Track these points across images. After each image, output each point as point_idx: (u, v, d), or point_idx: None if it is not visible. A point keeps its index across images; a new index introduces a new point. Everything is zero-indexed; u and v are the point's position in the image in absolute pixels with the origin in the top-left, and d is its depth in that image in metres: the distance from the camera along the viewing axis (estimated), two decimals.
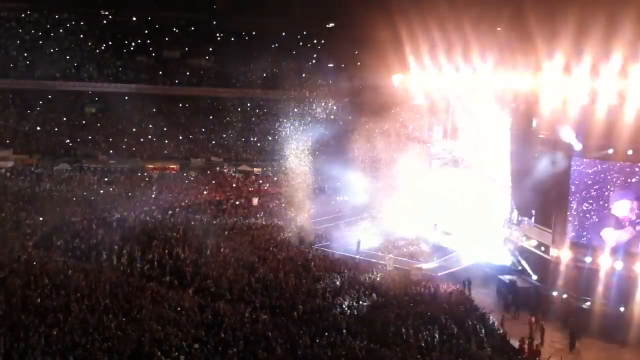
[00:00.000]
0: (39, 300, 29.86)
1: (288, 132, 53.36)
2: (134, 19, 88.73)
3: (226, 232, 44.22)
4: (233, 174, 68.01)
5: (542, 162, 36.11)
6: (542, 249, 36.59)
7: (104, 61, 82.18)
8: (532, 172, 36.51)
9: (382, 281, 35.33)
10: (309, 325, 28.65)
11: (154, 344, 25.81)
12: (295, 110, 56.15)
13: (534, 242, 37.57)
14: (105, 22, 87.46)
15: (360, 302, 32.05)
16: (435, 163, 51.18)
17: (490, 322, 30.93)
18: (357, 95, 61.75)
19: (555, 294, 34.08)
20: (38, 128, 71.52)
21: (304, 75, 74.71)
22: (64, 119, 73.61)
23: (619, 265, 32.70)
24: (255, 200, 55.47)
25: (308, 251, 41.47)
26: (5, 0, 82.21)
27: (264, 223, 48.11)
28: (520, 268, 37.94)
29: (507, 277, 36.71)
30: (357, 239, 43.48)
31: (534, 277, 36.55)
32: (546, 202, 36.58)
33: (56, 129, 71.49)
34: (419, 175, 49.01)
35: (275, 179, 61.45)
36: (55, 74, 78.44)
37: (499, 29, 54.41)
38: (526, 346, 28.68)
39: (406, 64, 51.27)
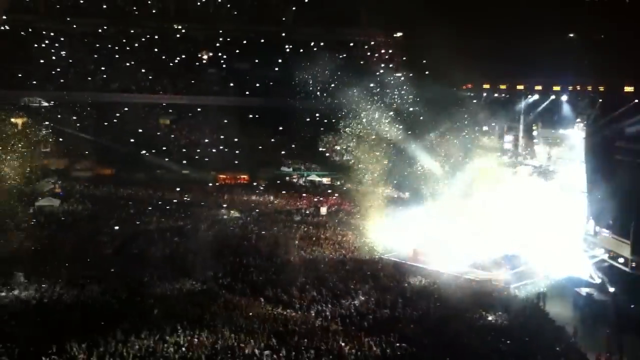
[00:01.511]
0: (117, 306, 30.99)
1: (357, 143, 53.41)
2: (205, 32, 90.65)
3: (296, 242, 44.55)
4: (302, 184, 68.56)
5: (620, 170, 35.00)
6: (621, 260, 35.40)
7: (177, 74, 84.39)
8: (610, 182, 35.45)
9: (453, 292, 34.84)
10: (379, 335, 28.56)
11: (227, 350, 26.35)
12: (364, 119, 56.06)
13: (611, 254, 36.39)
14: (177, 36, 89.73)
15: (431, 313, 31.76)
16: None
17: (566, 335, 30.09)
18: (427, 104, 61.20)
19: (634, 307, 32.86)
20: (115, 139, 73.91)
21: (372, 85, 74.61)
22: (139, 130, 75.84)
23: None
24: (324, 210, 55.71)
25: (377, 261, 41.35)
26: (83, 16, 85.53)
27: (333, 232, 48.20)
28: (597, 280, 36.77)
29: (583, 290, 35.63)
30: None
31: (612, 289, 35.35)
32: (625, 212, 35.40)
33: (132, 140, 73.72)
34: (496, 183, 48.28)
35: (345, 188, 61.57)
36: (131, 87, 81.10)
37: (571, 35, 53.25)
38: None
39: (476, 73, 50.77)
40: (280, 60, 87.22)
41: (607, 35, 47.47)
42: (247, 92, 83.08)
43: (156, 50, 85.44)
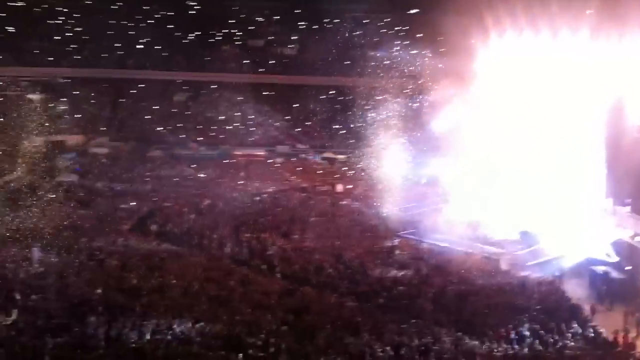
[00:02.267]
0: (134, 282, 31.26)
1: (373, 120, 53.22)
2: (220, 9, 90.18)
3: (312, 219, 44.68)
4: (318, 161, 68.60)
5: (636, 148, 34.64)
6: (638, 239, 35.17)
7: (192, 51, 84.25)
8: (629, 158, 35.09)
9: (469, 270, 34.84)
10: (395, 312, 28.67)
11: (244, 326, 26.58)
12: (380, 97, 55.84)
13: (629, 232, 36.14)
14: (192, 12, 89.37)
15: (447, 291, 31.79)
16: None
17: (583, 313, 30.06)
18: (442, 81, 60.75)
19: None
20: (131, 116, 74.14)
21: (387, 62, 74.07)
22: (155, 107, 76.00)
23: None
24: (339, 187, 55.74)
25: (394, 238, 41.40)
26: None
27: (349, 210, 48.26)
28: (614, 259, 36.56)
29: (600, 268, 35.47)
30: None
31: (629, 268, 35.16)
32: None
33: (148, 117, 73.90)
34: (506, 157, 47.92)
35: (360, 166, 61.46)
36: (146, 64, 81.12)
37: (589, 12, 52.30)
38: (621, 339, 27.72)
39: (491, 49, 50.05)
40: (294, 37, 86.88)
41: None
42: (261, 70, 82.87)
43: (170, 27, 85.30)
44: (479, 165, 48.74)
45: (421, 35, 76.56)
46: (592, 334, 27.75)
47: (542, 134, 47.98)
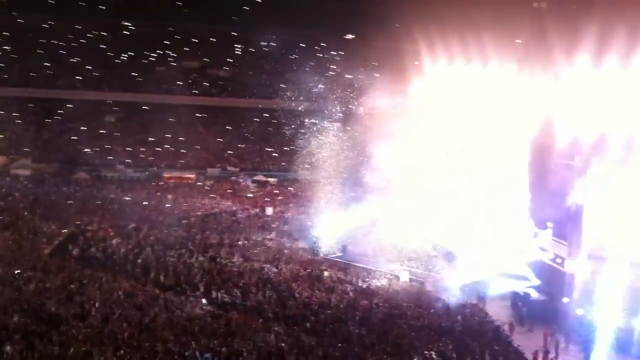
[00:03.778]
0: (52, 309, 30.09)
1: (305, 143, 53.45)
2: (154, 29, 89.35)
3: (240, 242, 44.28)
4: (248, 184, 68.23)
5: (559, 174, 35.78)
6: (558, 261, 36.21)
7: (124, 71, 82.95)
8: (550, 184, 36.20)
9: (395, 292, 35.13)
10: (322, 337, 28.54)
11: (167, 353, 25.90)
12: (313, 120, 56.17)
13: (550, 255, 37.17)
14: (126, 32, 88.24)
15: (373, 313, 31.90)
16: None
17: (505, 335, 30.64)
18: (375, 106, 61.61)
19: (570, 307, 33.65)
20: (57, 137, 72.17)
21: (321, 86, 74.71)
22: (84, 128, 74.21)
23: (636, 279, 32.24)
24: (269, 210, 55.54)
25: (322, 261, 41.39)
26: (28, 11, 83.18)
27: (278, 233, 48.07)
28: (535, 281, 37.51)
29: (522, 290, 36.35)
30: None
31: (549, 289, 36.13)
32: (563, 215, 36.18)
33: (75, 138, 72.07)
34: (436, 181, 48.93)
35: (291, 189, 61.52)
36: (76, 84, 79.31)
37: (518, 41, 54.21)
38: (540, 359, 28.37)
39: (424, 74, 51.23)
40: (229, 60, 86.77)
41: None
42: (195, 91, 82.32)
43: (103, 46, 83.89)
44: (407, 187, 49.57)
45: (356, 59, 77.78)
46: (514, 355, 28.31)
47: (471, 156, 49.24)
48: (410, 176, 50.34)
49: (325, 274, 38.19)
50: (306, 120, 57.18)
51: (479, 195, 45.26)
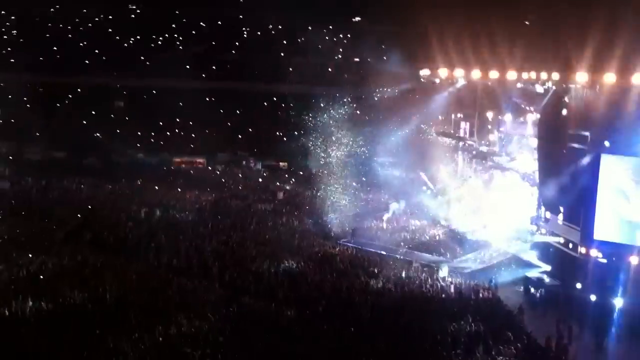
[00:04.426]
0: (67, 293, 30.32)
1: (316, 127, 53.40)
2: (161, 14, 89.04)
3: (251, 226, 44.39)
4: (259, 168, 68.28)
5: (570, 158, 35.59)
6: (570, 246, 36.10)
7: (132, 56, 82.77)
8: (561, 169, 36.04)
9: (407, 277, 35.19)
10: (334, 320, 28.66)
11: (181, 336, 26.12)
12: (322, 105, 55.98)
13: (561, 240, 37.07)
14: (132, 16, 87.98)
15: (385, 297, 31.99)
16: (463, 157, 50.79)
17: (517, 320, 30.67)
18: (385, 90, 61.39)
19: (583, 292, 33.61)
20: (67, 122, 72.29)
21: (330, 70, 74.55)
22: (92, 113, 74.28)
23: None
24: (280, 194, 55.59)
25: (333, 246, 41.45)
26: None
27: (289, 217, 48.11)
28: (547, 266, 37.47)
29: (534, 275, 36.32)
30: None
31: (562, 275, 36.08)
32: (574, 199, 36.03)
33: (84, 123, 72.16)
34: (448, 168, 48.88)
35: (301, 173, 61.47)
36: (84, 69, 79.33)
37: (527, 22, 53.87)
38: (553, 345, 28.36)
39: (433, 58, 50.91)
40: (237, 43, 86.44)
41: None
42: (203, 75, 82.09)
43: (110, 31, 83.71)
44: (422, 172, 49.64)
45: (365, 43, 77.35)
46: (526, 340, 28.34)
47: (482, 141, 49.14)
48: (419, 160, 50.40)
49: (337, 258, 38.15)
50: (315, 104, 56.96)
51: (489, 179, 45.31)
